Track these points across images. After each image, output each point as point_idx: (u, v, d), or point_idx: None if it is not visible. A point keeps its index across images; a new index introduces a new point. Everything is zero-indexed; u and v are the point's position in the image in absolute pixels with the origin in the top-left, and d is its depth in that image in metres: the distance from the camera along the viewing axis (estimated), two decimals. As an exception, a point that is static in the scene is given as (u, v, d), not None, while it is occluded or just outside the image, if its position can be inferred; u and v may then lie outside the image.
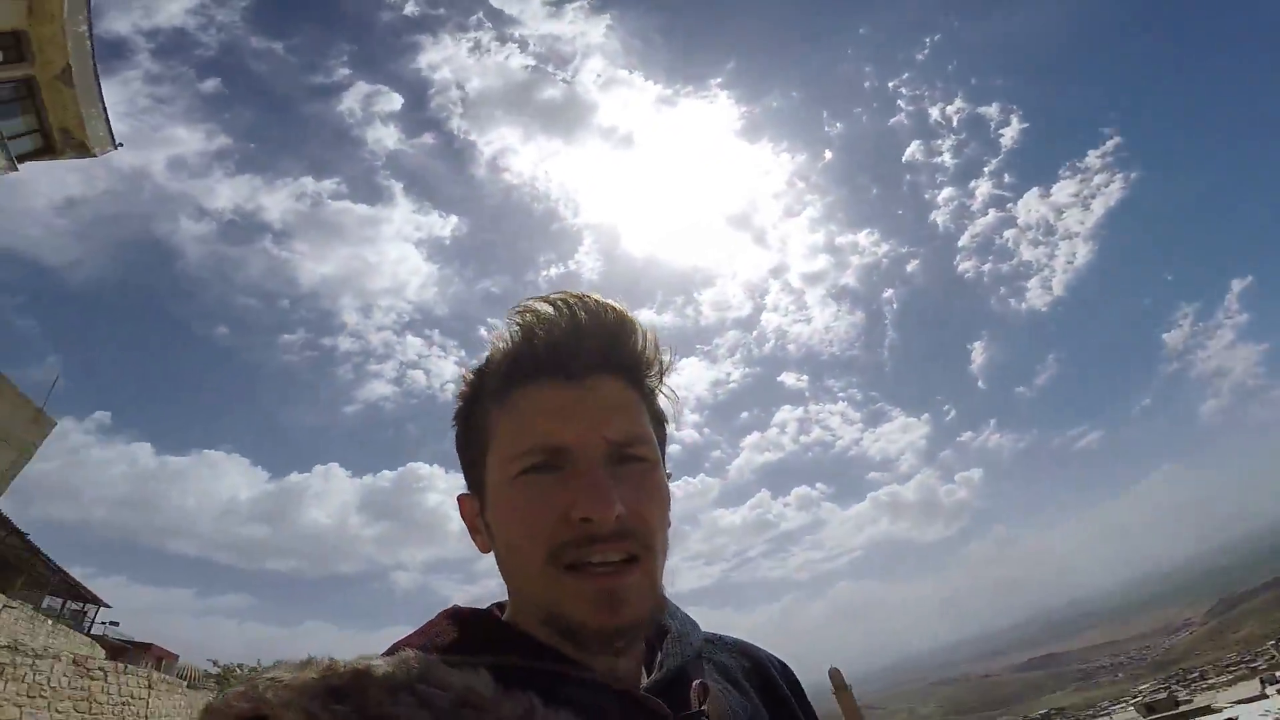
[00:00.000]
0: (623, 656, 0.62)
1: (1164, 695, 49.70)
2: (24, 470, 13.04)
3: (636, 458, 0.62)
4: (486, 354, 0.61)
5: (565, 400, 0.60)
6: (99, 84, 14.49)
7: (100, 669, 14.55)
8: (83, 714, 13.44)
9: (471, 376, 0.63)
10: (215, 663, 25.45)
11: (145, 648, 23.71)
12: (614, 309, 0.61)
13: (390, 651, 0.56)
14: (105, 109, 14.69)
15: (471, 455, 0.63)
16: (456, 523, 0.65)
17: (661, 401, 0.64)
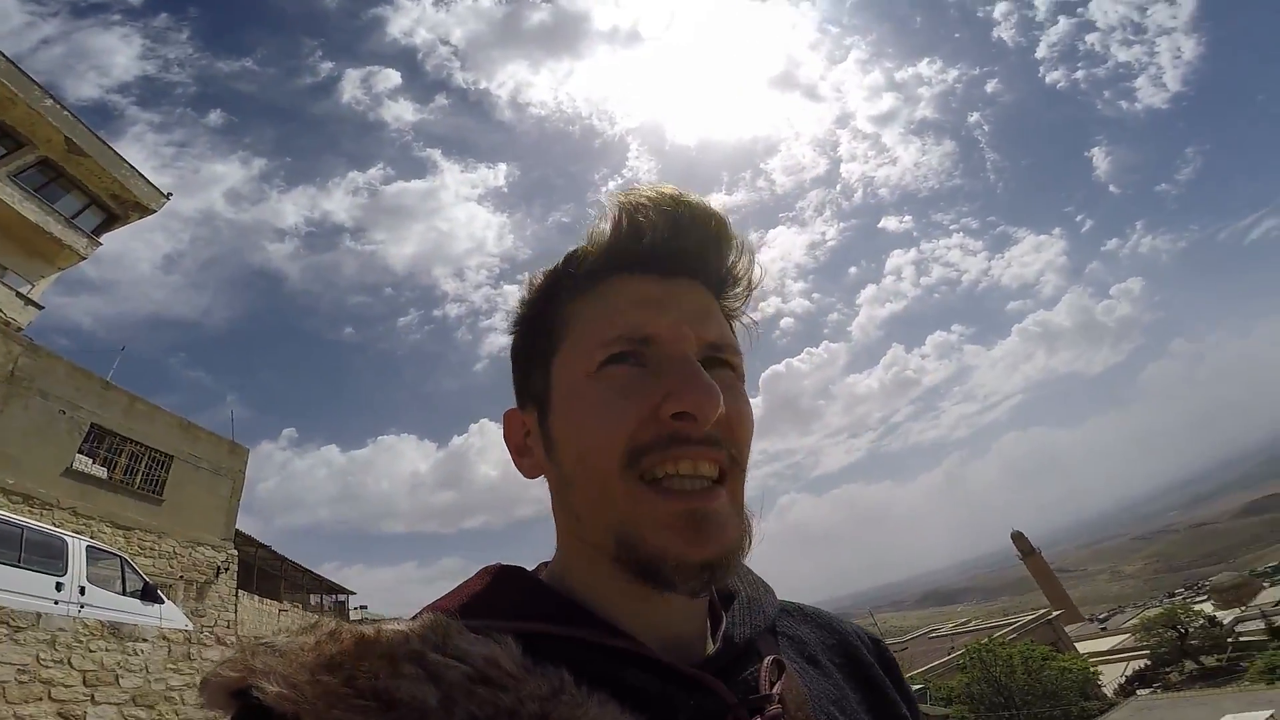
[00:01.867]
0: (697, 599, 0.52)
1: None
2: (250, 493, 15.05)
3: (729, 364, 0.54)
4: (568, 251, 0.55)
5: (658, 292, 0.52)
6: (110, 146, 15.22)
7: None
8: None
9: (541, 278, 0.57)
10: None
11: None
12: (718, 217, 0.54)
13: (415, 616, 0.48)
14: (134, 167, 15.54)
15: (533, 360, 0.56)
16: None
17: (738, 327, 0.59)
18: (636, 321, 0.50)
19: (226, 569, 13.50)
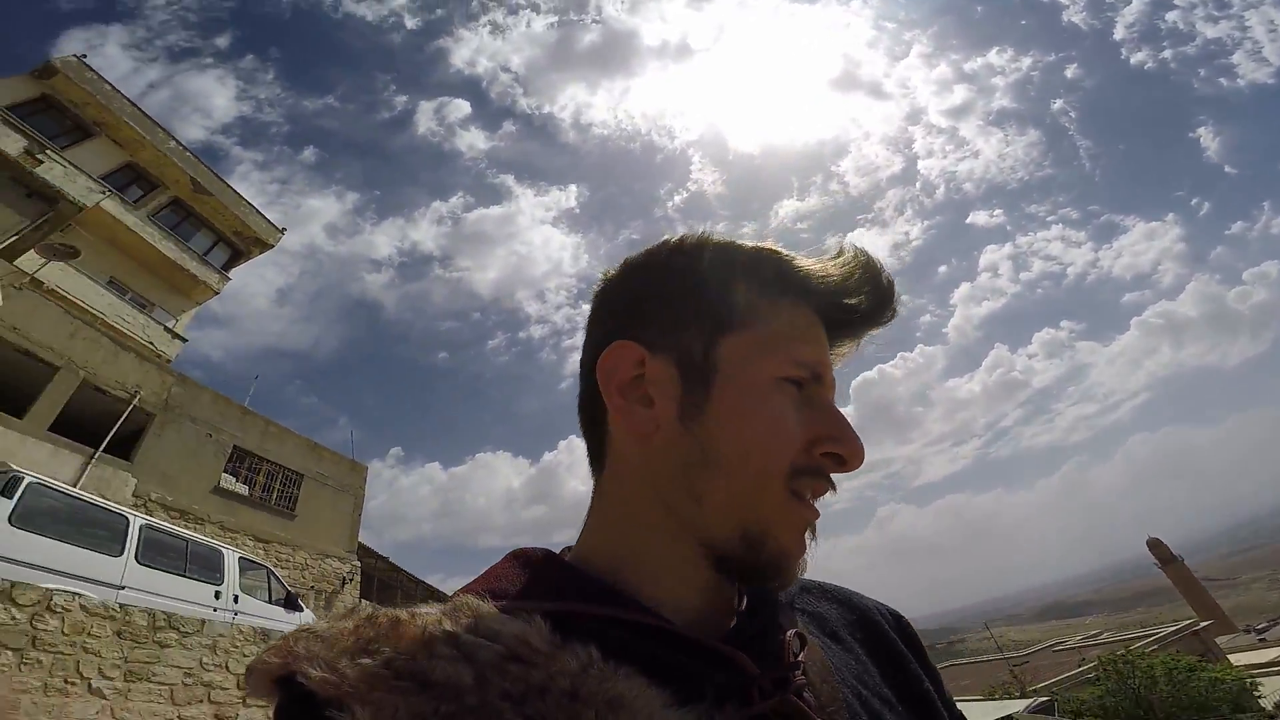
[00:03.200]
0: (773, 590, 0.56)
1: None
2: (365, 509, 15.88)
3: None
4: (765, 246, 0.55)
5: (829, 346, 0.56)
6: (230, 185, 16.11)
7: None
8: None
9: (727, 243, 0.56)
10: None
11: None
12: (896, 314, 0.58)
13: (447, 600, 0.50)
14: (252, 204, 16.43)
15: (691, 316, 0.53)
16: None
17: None
18: (820, 360, 0.52)
19: (351, 579, 14.40)
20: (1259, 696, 19.22)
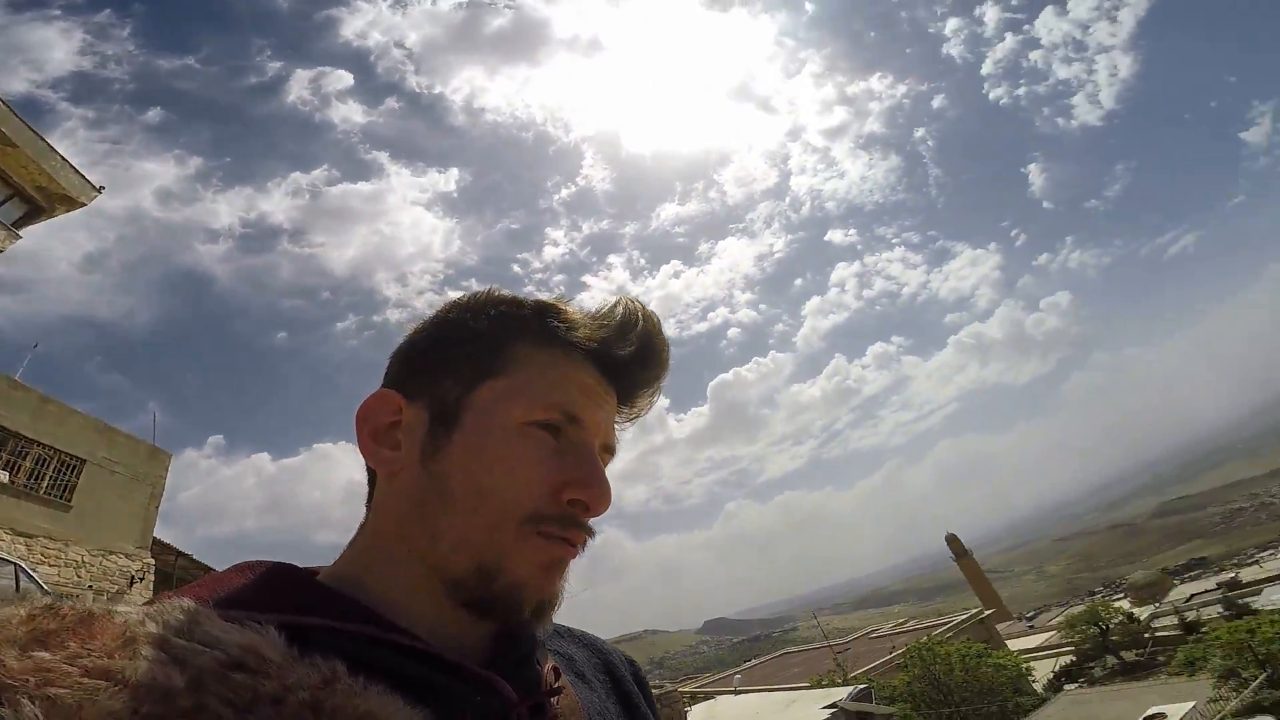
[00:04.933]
0: (522, 630, 0.56)
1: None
2: (171, 501, 14.33)
3: (606, 464, 0.59)
4: (546, 299, 0.57)
5: (600, 389, 0.56)
6: (43, 137, 14.48)
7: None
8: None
9: (508, 297, 0.57)
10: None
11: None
12: (666, 370, 0.59)
13: (156, 600, 0.47)
14: (66, 159, 14.76)
15: (454, 368, 0.54)
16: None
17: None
18: (578, 402, 0.53)
19: (141, 578, 12.51)
20: (1033, 680, 22.43)
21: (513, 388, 0.53)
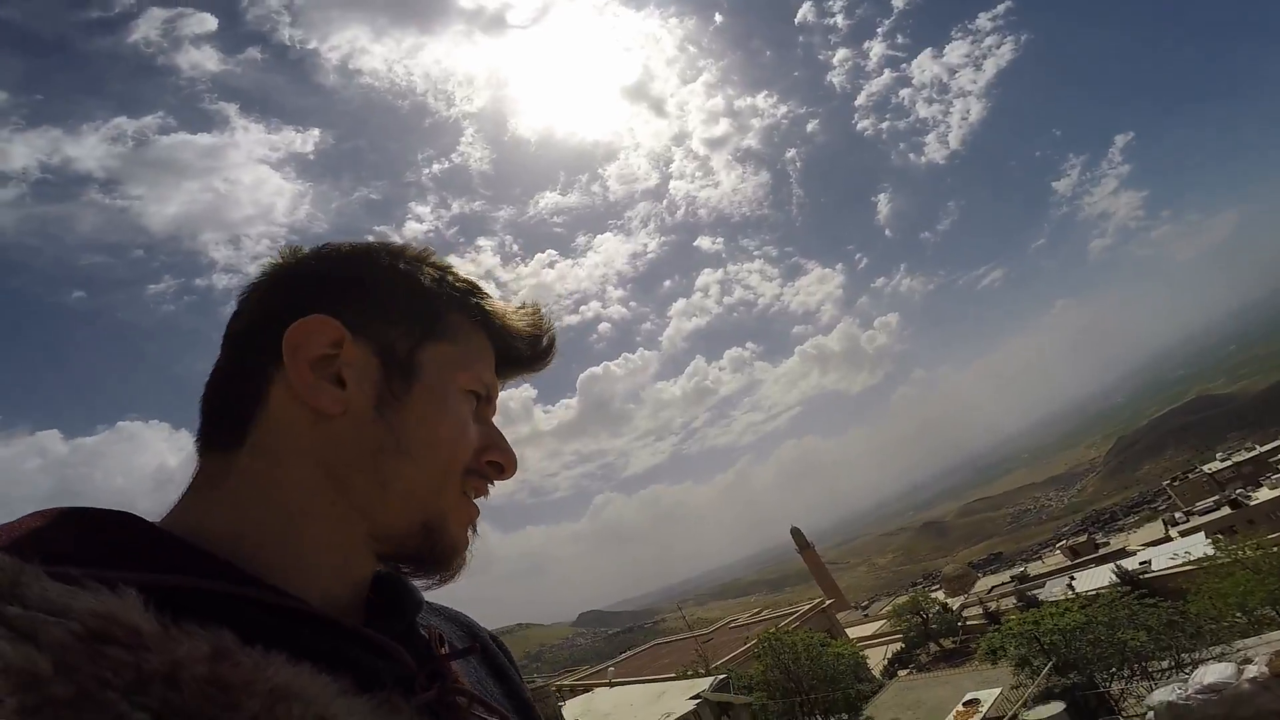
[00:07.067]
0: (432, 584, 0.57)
1: (1084, 539, 55.69)
2: None
3: None
4: (468, 277, 0.60)
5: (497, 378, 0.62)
6: None
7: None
8: None
9: (442, 263, 0.59)
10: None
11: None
12: (549, 362, 0.66)
13: None
14: None
15: (404, 318, 0.54)
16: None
17: None
18: (494, 384, 0.59)
19: None
20: (869, 668, 24.44)
21: (458, 356, 0.55)
